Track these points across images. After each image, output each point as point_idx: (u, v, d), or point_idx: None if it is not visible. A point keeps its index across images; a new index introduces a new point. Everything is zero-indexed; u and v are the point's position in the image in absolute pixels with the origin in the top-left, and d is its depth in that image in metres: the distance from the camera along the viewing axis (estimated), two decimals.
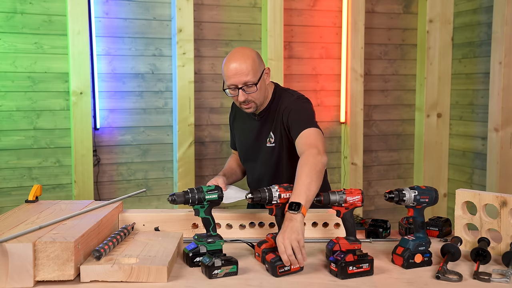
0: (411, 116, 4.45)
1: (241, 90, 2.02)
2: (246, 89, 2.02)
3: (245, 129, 2.26)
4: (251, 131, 2.20)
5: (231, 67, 2.01)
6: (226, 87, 2.07)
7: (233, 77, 2.01)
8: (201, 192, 1.68)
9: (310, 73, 4.12)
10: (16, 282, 1.41)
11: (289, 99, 2.13)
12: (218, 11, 3.82)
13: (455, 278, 1.54)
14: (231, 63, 2.02)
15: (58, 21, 3.42)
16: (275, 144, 2.13)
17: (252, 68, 2.02)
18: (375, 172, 4.41)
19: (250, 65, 2.01)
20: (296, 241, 1.59)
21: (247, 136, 2.24)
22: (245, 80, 2.01)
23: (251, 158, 2.24)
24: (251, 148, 2.22)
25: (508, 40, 3.63)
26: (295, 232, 1.61)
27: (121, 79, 3.63)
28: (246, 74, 2.00)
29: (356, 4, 4.04)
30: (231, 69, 2.01)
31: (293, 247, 1.58)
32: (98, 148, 3.60)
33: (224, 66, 2.04)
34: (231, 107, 2.40)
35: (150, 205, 3.77)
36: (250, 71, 2.01)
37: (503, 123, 3.70)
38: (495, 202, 1.76)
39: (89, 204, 1.89)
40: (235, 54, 2.05)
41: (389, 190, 1.71)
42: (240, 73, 2.00)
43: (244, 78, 2.00)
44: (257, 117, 2.16)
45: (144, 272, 1.48)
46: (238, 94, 2.03)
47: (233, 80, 2.02)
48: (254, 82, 2.02)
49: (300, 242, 1.60)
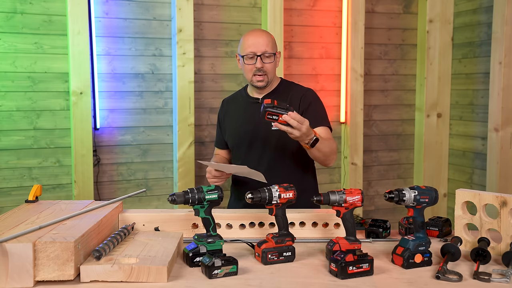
0: (411, 116, 4.45)
1: (259, 58, 2.19)
2: (263, 59, 2.20)
3: (245, 115, 2.32)
4: (254, 115, 2.24)
5: (251, 38, 2.21)
6: (244, 54, 2.22)
7: (253, 46, 2.19)
8: (201, 192, 1.67)
9: (310, 73, 4.12)
10: (16, 282, 1.41)
11: (302, 88, 2.34)
12: (218, 11, 3.82)
13: (455, 278, 1.54)
14: (252, 35, 2.23)
15: (58, 21, 3.42)
16: None
17: (272, 42, 2.23)
18: (375, 172, 4.41)
19: (270, 39, 2.23)
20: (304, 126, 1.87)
21: (248, 120, 2.30)
22: (265, 49, 2.19)
23: (252, 142, 2.29)
24: (252, 131, 2.28)
25: (508, 40, 3.63)
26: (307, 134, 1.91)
27: (121, 79, 3.63)
28: (266, 44, 2.20)
29: (356, 4, 4.04)
30: (252, 39, 2.21)
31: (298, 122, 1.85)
32: (98, 148, 3.60)
33: (244, 39, 2.23)
34: (222, 104, 2.48)
35: (150, 205, 3.77)
36: (270, 42, 2.22)
37: (503, 123, 3.70)
38: (495, 202, 1.76)
39: (89, 204, 1.89)
40: (256, 29, 2.29)
41: (389, 190, 1.70)
42: (261, 43, 2.19)
43: (264, 48, 2.19)
44: (260, 100, 2.18)
45: (144, 272, 1.48)
46: (256, 62, 2.19)
47: (253, 48, 2.19)
48: (272, 53, 2.21)
49: (305, 123, 1.89)
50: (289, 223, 1.90)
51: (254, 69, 2.20)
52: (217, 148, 2.50)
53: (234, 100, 2.44)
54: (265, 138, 2.25)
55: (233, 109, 2.39)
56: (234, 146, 2.37)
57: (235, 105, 2.39)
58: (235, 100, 2.43)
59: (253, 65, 2.20)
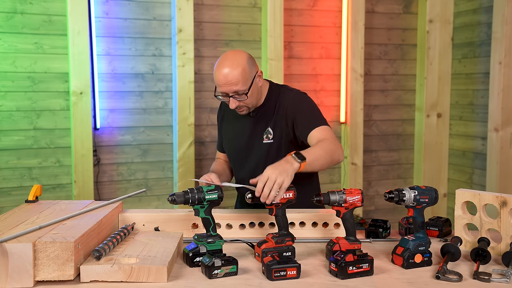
0: (411, 116, 4.45)
1: (232, 98, 2.00)
2: (237, 97, 2.01)
3: (237, 127, 2.23)
4: (245, 128, 2.18)
5: (221, 76, 1.97)
6: (218, 93, 2.05)
7: (223, 85, 1.98)
8: (201, 192, 1.67)
9: (310, 73, 4.12)
10: (16, 282, 1.41)
11: (289, 94, 2.13)
12: (218, 11, 3.82)
13: (455, 278, 1.54)
14: (221, 71, 1.98)
15: (58, 21, 3.42)
16: (273, 140, 2.11)
17: (242, 77, 1.97)
18: (375, 172, 4.41)
19: (240, 74, 1.97)
20: (281, 179, 1.66)
21: (240, 133, 2.21)
22: (235, 89, 1.98)
23: (244, 156, 2.20)
24: (244, 145, 2.19)
25: (508, 40, 3.63)
26: (285, 172, 1.68)
27: (121, 79, 3.63)
28: (236, 83, 1.97)
29: (356, 4, 4.04)
30: (221, 78, 1.98)
31: (274, 183, 1.65)
32: (98, 148, 3.60)
33: (215, 73, 2.00)
34: (220, 107, 2.37)
35: (150, 205, 3.77)
36: (240, 80, 1.97)
37: (503, 123, 3.70)
38: (495, 202, 1.76)
39: (89, 204, 1.89)
40: (225, 61, 2.00)
41: (389, 190, 1.70)
42: (230, 82, 1.97)
43: (234, 88, 1.98)
44: (252, 113, 2.14)
45: (144, 272, 1.48)
46: (229, 101, 2.01)
47: (223, 88, 1.99)
48: (245, 91, 2.00)
49: (283, 184, 1.66)
50: (289, 223, 1.90)
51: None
52: (218, 151, 2.45)
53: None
54: (258, 150, 2.16)
55: (229, 116, 2.29)
56: (230, 157, 2.31)
57: (231, 112, 2.26)
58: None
59: (229, 103, 2.04)
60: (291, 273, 1.55)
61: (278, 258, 1.57)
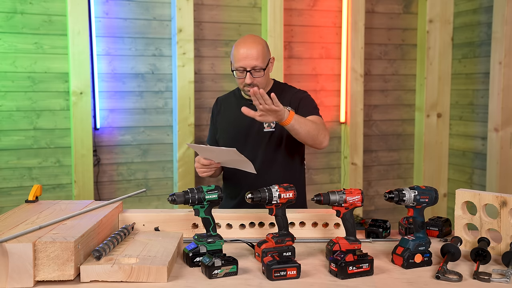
0: (411, 116, 4.45)
1: (249, 73, 2.14)
2: (253, 73, 2.14)
3: (236, 117, 2.27)
4: (246, 116, 2.21)
5: (241, 51, 2.13)
6: (234, 69, 2.18)
7: (243, 60, 2.13)
8: (201, 192, 1.67)
9: (310, 73, 4.12)
10: (16, 282, 1.41)
11: (293, 90, 2.33)
12: (218, 11, 3.82)
13: (455, 278, 1.54)
14: (242, 47, 2.14)
15: (58, 21, 3.42)
16: (275, 129, 2.23)
17: (262, 54, 2.15)
18: (375, 172, 4.41)
19: (260, 51, 2.14)
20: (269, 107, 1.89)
21: (239, 121, 2.27)
22: (254, 64, 2.13)
23: (243, 142, 2.26)
24: (244, 133, 2.27)
25: (508, 40, 3.63)
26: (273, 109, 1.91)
27: (121, 79, 3.63)
28: (256, 58, 2.13)
29: (356, 4, 4.04)
30: (242, 53, 2.13)
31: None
32: (98, 148, 3.60)
33: (235, 49, 2.16)
34: (216, 102, 2.47)
35: (150, 205, 3.77)
36: (260, 56, 2.14)
37: (503, 123, 3.70)
38: (495, 202, 1.76)
39: (89, 204, 1.89)
40: (246, 39, 2.18)
41: (389, 190, 1.70)
42: (250, 57, 2.12)
43: (254, 62, 2.13)
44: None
45: (144, 272, 1.48)
46: (245, 76, 2.14)
47: (242, 63, 2.13)
48: (262, 67, 2.15)
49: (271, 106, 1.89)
50: (289, 223, 1.90)
51: (245, 82, 2.18)
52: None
53: (227, 100, 2.44)
54: (256, 138, 2.25)
55: (226, 109, 2.39)
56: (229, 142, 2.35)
57: (228, 105, 2.39)
58: (229, 99, 2.43)
59: (243, 79, 2.17)
60: (291, 273, 1.55)
61: (278, 258, 1.57)
